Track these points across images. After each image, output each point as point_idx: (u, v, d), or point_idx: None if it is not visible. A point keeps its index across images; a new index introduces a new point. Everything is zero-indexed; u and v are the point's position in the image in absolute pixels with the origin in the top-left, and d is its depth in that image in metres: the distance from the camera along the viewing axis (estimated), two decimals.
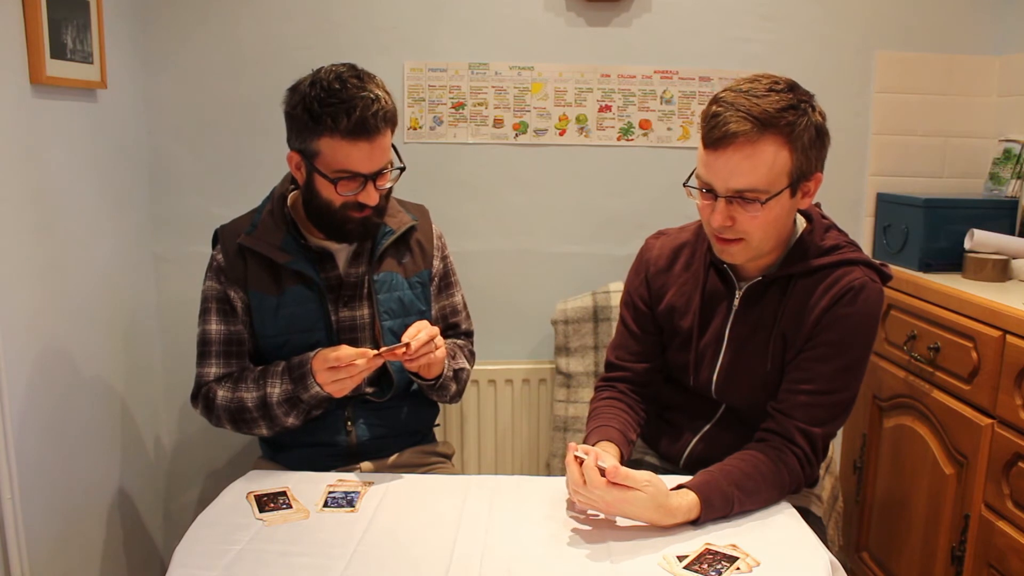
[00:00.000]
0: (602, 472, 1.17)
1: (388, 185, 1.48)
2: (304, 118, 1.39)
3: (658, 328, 1.53)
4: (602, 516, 1.24)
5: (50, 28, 1.58)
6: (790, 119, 1.25)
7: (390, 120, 1.42)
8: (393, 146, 1.49)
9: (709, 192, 1.30)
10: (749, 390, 1.43)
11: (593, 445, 1.34)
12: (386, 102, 1.41)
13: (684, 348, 1.48)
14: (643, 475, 1.18)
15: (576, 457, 1.21)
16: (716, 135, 1.25)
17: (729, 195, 1.28)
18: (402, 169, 1.50)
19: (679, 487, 1.23)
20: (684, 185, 1.34)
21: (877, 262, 1.41)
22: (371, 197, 1.43)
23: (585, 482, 1.18)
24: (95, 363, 1.85)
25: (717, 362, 1.44)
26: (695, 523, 1.21)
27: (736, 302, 1.42)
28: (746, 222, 1.29)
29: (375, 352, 1.40)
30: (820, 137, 1.29)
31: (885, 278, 1.40)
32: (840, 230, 1.43)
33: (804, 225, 1.42)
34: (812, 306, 1.35)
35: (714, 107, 1.27)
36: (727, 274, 1.43)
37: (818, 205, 1.45)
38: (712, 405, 1.50)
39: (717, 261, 1.43)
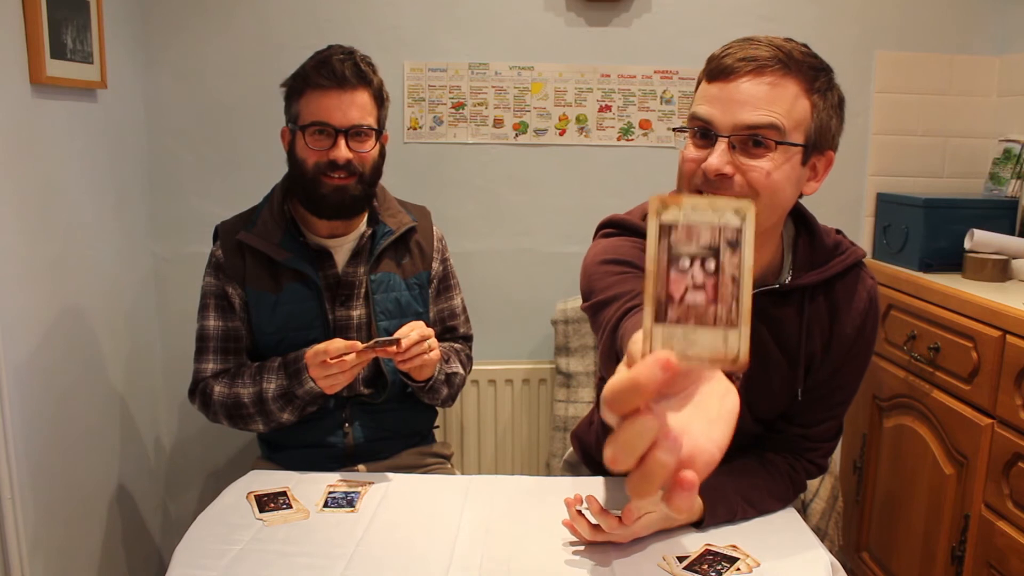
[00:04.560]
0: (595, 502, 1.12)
1: (365, 151, 1.49)
2: (290, 82, 1.50)
3: None
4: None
5: (50, 28, 1.58)
6: (816, 65, 1.08)
7: (364, 78, 1.47)
8: (382, 126, 1.52)
9: (705, 135, 1.08)
10: (765, 416, 1.28)
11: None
12: (362, 61, 1.48)
13: None
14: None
15: (579, 512, 1.15)
16: (729, 62, 1.05)
17: (735, 133, 1.05)
18: (378, 132, 1.51)
19: None
20: (673, 130, 1.16)
21: (852, 244, 1.26)
22: (341, 152, 1.46)
23: (601, 529, 1.12)
24: (95, 363, 1.85)
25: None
26: (698, 526, 1.20)
27: None
28: (751, 175, 1.06)
29: (364, 345, 1.40)
30: (842, 111, 1.13)
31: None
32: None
33: (791, 226, 1.25)
34: (838, 326, 1.21)
35: (723, 48, 1.09)
36: None
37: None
38: None
39: None
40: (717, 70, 1.07)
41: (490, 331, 2.21)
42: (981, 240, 1.94)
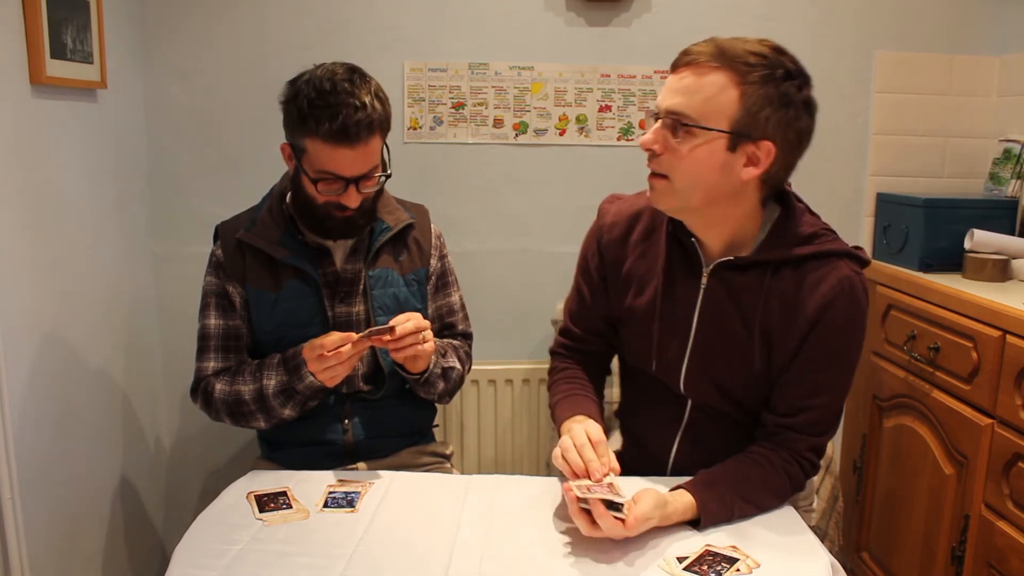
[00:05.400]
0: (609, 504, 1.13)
1: (372, 189, 1.47)
2: (293, 115, 1.41)
3: (607, 303, 1.43)
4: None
5: (50, 28, 1.58)
6: (752, 62, 1.18)
7: (377, 128, 1.40)
8: (387, 147, 1.48)
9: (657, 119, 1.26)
10: (726, 386, 1.34)
11: (575, 414, 1.35)
12: (374, 109, 1.39)
13: (644, 328, 1.37)
14: (647, 505, 1.15)
15: (582, 508, 1.14)
16: (678, 56, 1.23)
17: (663, 115, 1.22)
18: (388, 175, 1.49)
19: (678, 488, 1.22)
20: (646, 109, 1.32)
21: (854, 248, 1.30)
22: (352, 200, 1.43)
23: (600, 526, 1.13)
24: (95, 363, 1.85)
25: (686, 350, 1.34)
26: (696, 526, 1.21)
27: (704, 280, 1.31)
28: (671, 154, 1.22)
29: (359, 335, 1.40)
30: (784, 106, 1.19)
31: (864, 264, 1.30)
32: (814, 213, 1.34)
33: (777, 212, 1.32)
34: (801, 305, 1.26)
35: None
36: (694, 251, 1.31)
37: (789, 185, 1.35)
38: (678, 406, 1.40)
39: (683, 235, 1.32)
40: (673, 63, 1.24)
41: (490, 331, 2.21)
42: (981, 240, 1.95)
